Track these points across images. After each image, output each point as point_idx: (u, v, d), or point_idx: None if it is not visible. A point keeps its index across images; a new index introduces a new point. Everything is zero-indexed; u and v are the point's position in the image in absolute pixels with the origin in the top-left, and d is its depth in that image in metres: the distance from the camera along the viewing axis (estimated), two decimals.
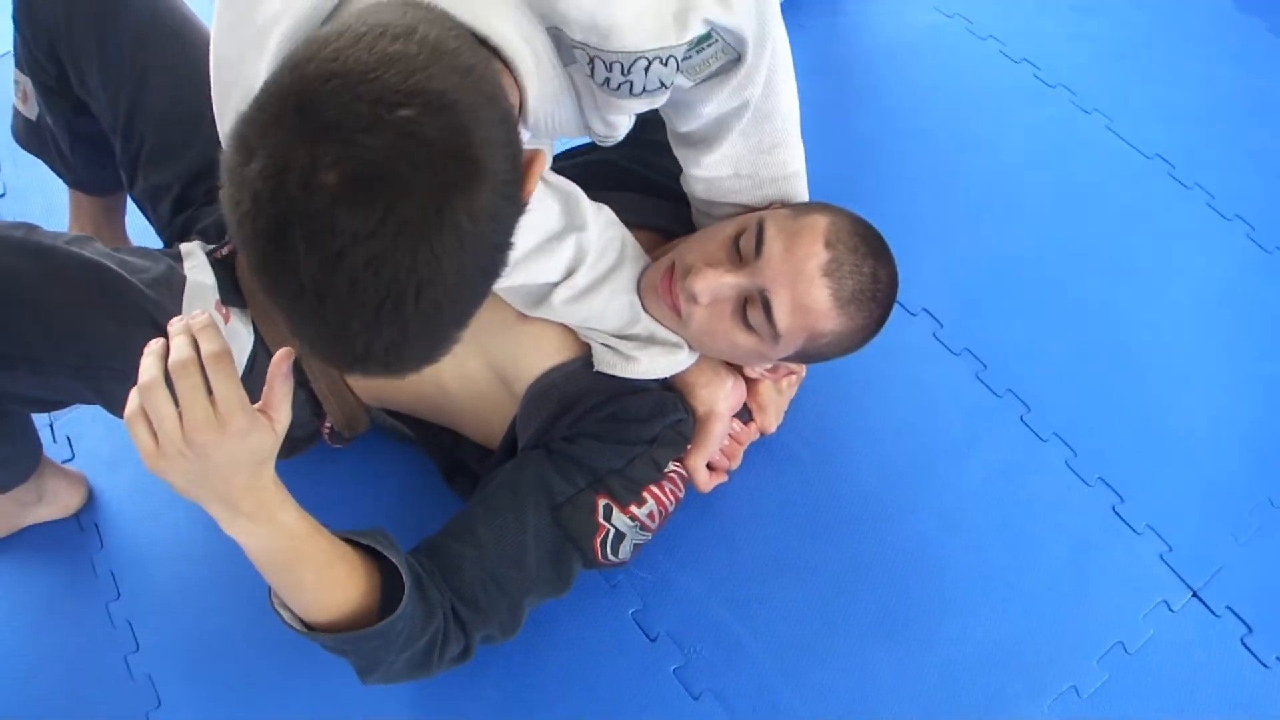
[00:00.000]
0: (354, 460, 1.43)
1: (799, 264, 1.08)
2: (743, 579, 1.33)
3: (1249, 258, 1.62)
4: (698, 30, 0.91)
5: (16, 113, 1.46)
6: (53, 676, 1.31)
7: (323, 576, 0.99)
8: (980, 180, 1.32)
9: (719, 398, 1.26)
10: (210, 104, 0.98)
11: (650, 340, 1.21)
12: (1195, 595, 1.32)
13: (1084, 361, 1.52)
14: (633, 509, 1.19)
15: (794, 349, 1.14)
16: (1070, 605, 1.31)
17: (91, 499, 1.44)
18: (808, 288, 1.08)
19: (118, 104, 1.31)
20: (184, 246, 1.24)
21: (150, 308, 1.11)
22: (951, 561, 1.34)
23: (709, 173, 1.17)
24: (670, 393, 1.25)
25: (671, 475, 1.23)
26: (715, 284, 1.10)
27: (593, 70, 0.92)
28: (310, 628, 1.01)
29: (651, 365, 1.21)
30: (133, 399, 0.84)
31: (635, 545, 1.22)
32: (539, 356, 1.24)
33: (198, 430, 0.82)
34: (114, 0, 1.27)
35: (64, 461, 1.46)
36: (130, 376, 0.93)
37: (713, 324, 1.14)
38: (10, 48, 1.98)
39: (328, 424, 1.33)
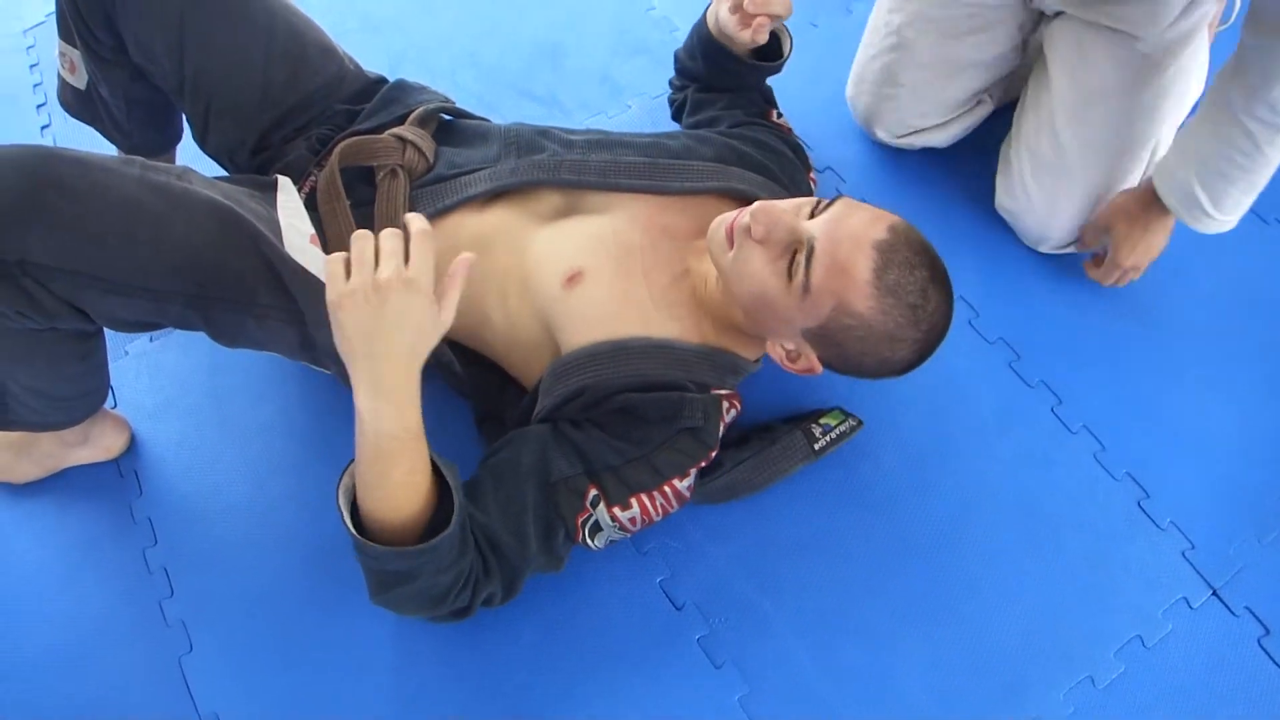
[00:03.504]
0: None
1: (855, 228, 1.11)
2: (770, 555, 1.35)
3: None
4: None
5: (64, 83, 1.46)
6: (88, 617, 1.34)
7: (409, 480, 1.06)
8: None
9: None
10: (277, 61, 1.21)
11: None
12: (1215, 594, 1.33)
13: (1117, 356, 1.52)
14: (616, 510, 1.19)
15: (819, 318, 1.14)
16: (1091, 597, 1.32)
17: (132, 446, 1.46)
18: (853, 250, 1.10)
19: (182, 68, 1.32)
20: (281, 180, 1.25)
21: (264, 245, 1.14)
22: (976, 548, 1.36)
23: None
24: (698, 395, 1.23)
25: (667, 488, 1.22)
26: (773, 216, 1.13)
27: None
28: (362, 531, 1.07)
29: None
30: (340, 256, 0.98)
31: (611, 541, 1.23)
32: (578, 329, 1.23)
33: (388, 281, 0.96)
34: None
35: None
36: (241, 308, 1.07)
37: (754, 262, 1.15)
38: (42, 18, 2.00)
39: None
